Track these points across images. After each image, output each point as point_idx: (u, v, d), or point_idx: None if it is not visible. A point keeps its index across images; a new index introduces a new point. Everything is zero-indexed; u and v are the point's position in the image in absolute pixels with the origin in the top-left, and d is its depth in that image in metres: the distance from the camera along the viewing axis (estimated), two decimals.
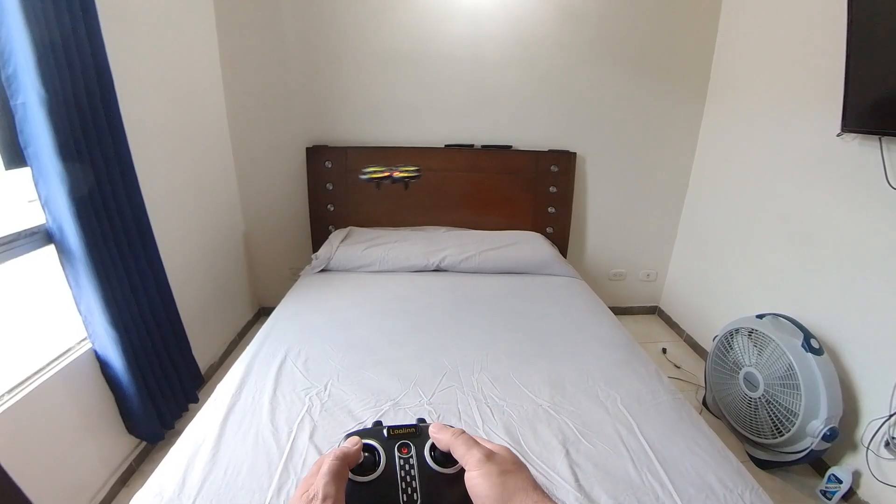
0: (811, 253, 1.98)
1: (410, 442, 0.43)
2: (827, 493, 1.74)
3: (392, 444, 0.43)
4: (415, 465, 0.42)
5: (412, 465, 0.41)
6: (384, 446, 0.42)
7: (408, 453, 0.42)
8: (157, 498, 1.01)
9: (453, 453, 0.41)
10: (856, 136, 1.74)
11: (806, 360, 1.71)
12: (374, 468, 0.41)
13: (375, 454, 0.42)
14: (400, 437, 0.43)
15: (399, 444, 0.43)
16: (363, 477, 0.40)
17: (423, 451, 0.43)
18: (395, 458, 0.42)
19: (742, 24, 2.43)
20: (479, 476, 0.39)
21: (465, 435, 0.42)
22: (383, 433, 0.44)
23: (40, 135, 1.33)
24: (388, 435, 0.43)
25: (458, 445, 0.41)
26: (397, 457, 0.42)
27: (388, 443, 0.43)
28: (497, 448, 0.42)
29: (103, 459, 1.69)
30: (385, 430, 0.44)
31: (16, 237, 1.40)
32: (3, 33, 1.25)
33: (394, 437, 0.43)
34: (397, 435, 0.43)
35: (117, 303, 1.59)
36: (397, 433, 0.44)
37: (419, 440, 0.43)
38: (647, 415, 1.30)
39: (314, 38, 2.50)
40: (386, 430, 0.44)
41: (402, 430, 0.44)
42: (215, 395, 1.36)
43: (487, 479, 0.38)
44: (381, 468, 0.41)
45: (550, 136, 2.72)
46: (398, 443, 0.43)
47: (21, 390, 1.39)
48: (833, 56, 1.72)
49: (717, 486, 1.07)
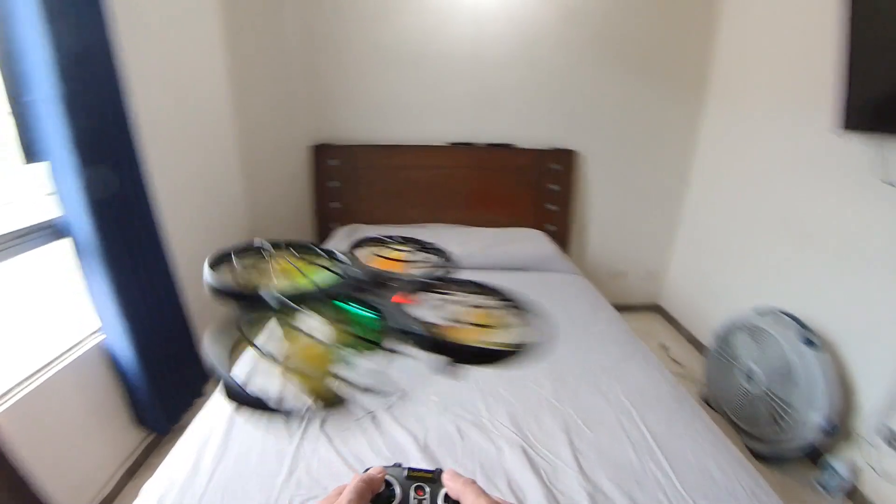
0: (810, 250, 2.01)
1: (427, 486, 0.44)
2: (825, 485, 1.77)
3: (409, 483, 0.44)
4: None
5: None
6: (402, 485, 0.44)
7: (422, 495, 0.44)
8: (169, 484, 1.03)
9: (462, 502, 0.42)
10: (854, 134, 1.77)
11: (804, 355, 1.74)
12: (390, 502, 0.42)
13: (392, 490, 0.43)
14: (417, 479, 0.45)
15: (416, 486, 0.44)
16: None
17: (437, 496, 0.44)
18: (411, 499, 0.43)
19: (742, 24, 2.46)
20: None
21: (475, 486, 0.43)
22: (403, 473, 0.45)
23: (56, 130, 1.37)
24: (406, 475, 0.45)
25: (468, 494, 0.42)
26: (412, 497, 0.43)
27: (405, 482, 0.44)
28: None
29: (112, 451, 1.73)
30: (405, 471, 0.45)
31: (33, 230, 1.45)
32: (21, 32, 1.29)
33: (412, 479, 0.45)
34: (415, 477, 0.45)
35: (128, 296, 1.62)
36: (415, 475, 0.45)
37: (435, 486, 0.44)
38: (648, 405, 1.33)
39: (318, 39, 2.54)
40: (406, 471, 0.45)
41: (420, 473, 0.45)
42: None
43: None
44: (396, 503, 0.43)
45: (552, 134, 2.75)
46: (415, 484, 0.44)
47: (34, 380, 1.42)
48: (832, 56, 1.74)
49: (717, 473, 1.09)
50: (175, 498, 0.99)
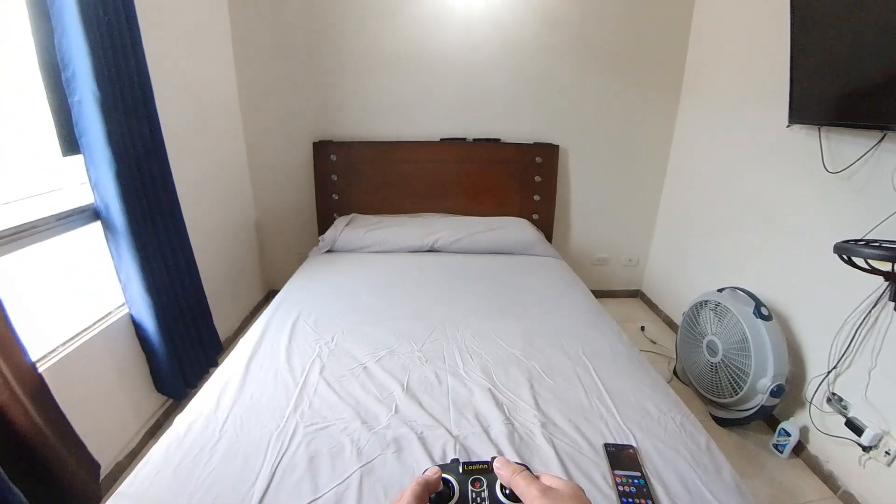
0: (769, 233, 2.19)
1: (483, 477, 0.45)
2: (778, 446, 1.95)
3: (466, 478, 0.45)
4: (486, 498, 0.44)
5: (483, 499, 0.44)
6: (458, 480, 0.45)
7: (480, 487, 0.45)
8: (197, 414, 1.25)
9: (514, 489, 0.43)
10: (801, 128, 1.95)
11: (756, 325, 1.92)
12: (449, 499, 0.44)
13: (450, 487, 0.45)
14: (473, 473, 0.46)
15: (472, 479, 0.45)
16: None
17: (494, 486, 0.45)
18: (469, 492, 0.44)
19: (711, 26, 2.65)
20: None
21: (526, 472, 0.43)
22: (458, 469, 0.46)
23: (93, 127, 1.59)
24: (462, 470, 0.46)
25: (519, 481, 0.42)
26: (470, 490, 0.44)
27: (462, 477, 0.45)
28: (560, 484, 0.43)
29: (135, 411, 1.93)
30: (460, 466, 0.46)
31: (70, 214, 1.66)
32: (65, 44, 1.50)
33: (468, 473, 0.46)
34: (471, 470, 0.46)
35: (152, 273, 1.83)
36: (471, 469, 0.46)
37: (491, 476, 0.45)
38: (603, 361, 1.53)
39: (321, 42, 2.75)
40: (461, 466, 0.46)
41: (475, 465, 0.46)
42: (240, 344, 1.61)
43: None
44: (454, 499, 0.44)
45: (535, 129, 2.94)
46: (471, 477, 0.45)
47: (72, 344, 1.63)
48: (781, 57, 1.91)
49: (653, 410, 1.29)
50: (202, 424, 1.21)
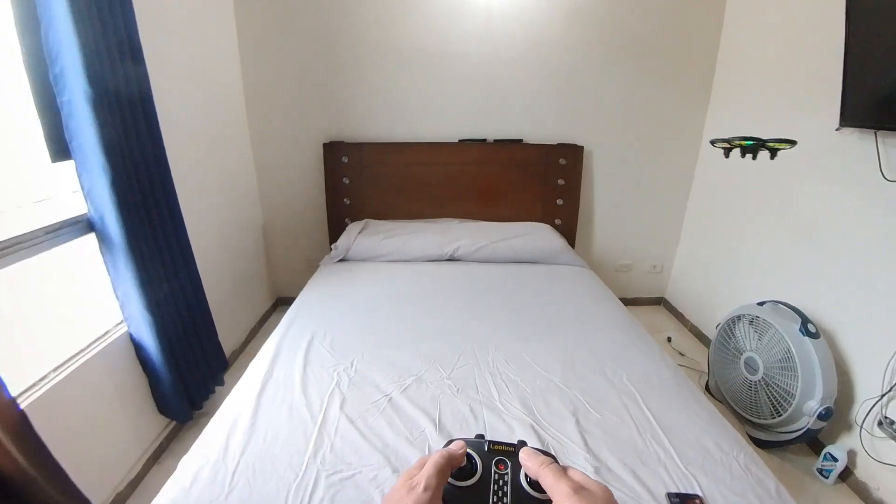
0: (811, 243, 2.06)
1: (508, 460, 0.44)
2: (823, 470, 1.83)
3: (491, 457, 0.44)
4: (508, 482, 0.42)
5: (506, 482, 0.42)
6: (483, 458, 0.43)
7: (504, 469, 0.43)
8: (204, 460, 1.11)
9: (541, 482, 0.40)
10: (853, 131, 1.81)
11: (803, 344, 1.79)
12: (471, 476, 0.42)
13: (473, 463, 0.43)
14: (499, 453, 0.44)
15: (497, 460, 0.44)
16: (460, 482, 0.42)
17: (518, 471, 0.43)
18: (492, 472, 0.43)
19: (746, 20, 2.50)
20: None
21: (554, 465, 0.41)
22: (484, 446, 0.45)
23: (85, 130, 1.43)
24: (488, 449, 0.44)
25: (547, 475, 0.40)
26: (493, 470, 0.43)
27: (487, 455, 0.44)
28: (590, 483, 0.40)
29: (136, 437, 1.79)
30: (486, 444, 0.45)
31: (61, 226, 1.50)
32: (52, 36, 1.34)
33: (493, 452, 0.44)
34: (497, 450, 0.44)
35: (152, 289, 1.69)
36: (497, 448, 0.45)
37: (516, 460, 0.44)
38: (651, 389, 1.39)
39: (331, 38, 2.59)
40: (487, 444, 0.45)
41: (502, 446, 0.45)
42: (248, 373, 1.46)
43: None
44: (477, 477, 0.42)
45: (559, 130, 2.80)
46: (496, 458, 0.44)
47: (64, 370, 1.48)
48: (832, 53, 1.78)
49: (714, 450, 1.16)
50: (209, 473, 1.07)
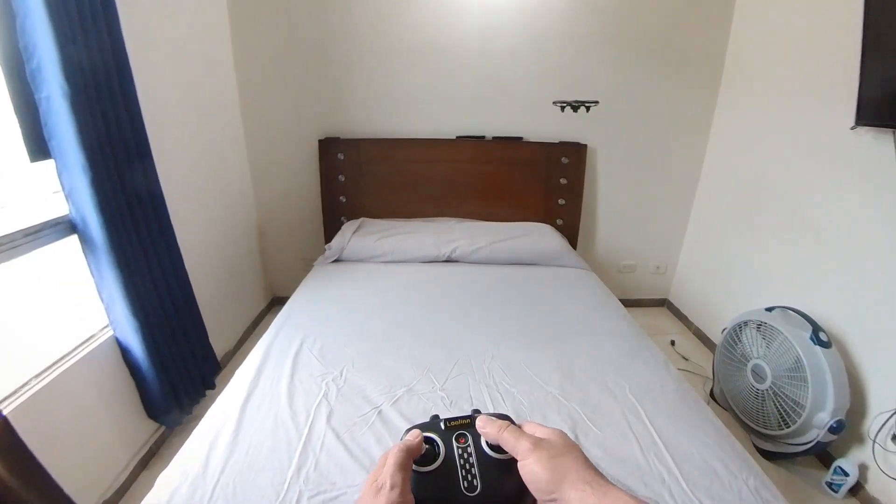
0: (822, 246, 1.98)
1: (467, 432, 0.45)
2: (833, 484, 1.76)
3: (449, 434, 0.45)
4: (472, 452, 0.43)
5: (470, 454, 0.43)
6: (442, 438, 0.44)
7: (465, 443, 0.44)
8: (182, 477, 1.05)
9: (503, 446, 0.42)
10: (869, 130, 1.73)
11: (814, 353, 1.72)
12: (435, 459, 0.43)
13: (435, 446, 0.44)
14: (457, 429, 0.45)
15: (456, 435, 0.45)
16: (425, 467, 0.42)
17: (479, 439, 0.44)
18: (454, 448, 0.44)
19: (757, 15, 2.41)
20: (530, 464, 0.40)
21: (511, 426, 0.43)
22: (440, 426, 0.46)
23: (64, 128, 1.37)
24: (445, 427, 0.45)
25: (507, 438, 0.42)
26: (455, 447, 0.44)
27: (445, 434, 0.45)
28: (547, 433, 0.43)
29: (125, 442, 1.75)
30: (442, 423, 0.46)
31: (41, 228, 1.45)
32: (28, 29, 1.28)
33: (451, 429, 0.45)
34: (454, 426, 0.45)
35: (137, 291, 1.63)
36: (454, 425, 0.46)
37: (475, 430, 0.45)
38: (654, 403, 1.32)
39: (326, 31, 2.52)
40: (443, 423, 0.46)
41: (458, 421, 0.46)
42: (234, 381, 1.41)
43: (538, 465, 0.39)
44: (440, 458, 0.43)
45: (561, 127, 2.72)
46: (455, 433, 0.45)
47: (47, 376, 1.43)
48: (848, 49, 1.71)
49: (722, 472, 1.09)
50: (188, 490, 1.01)
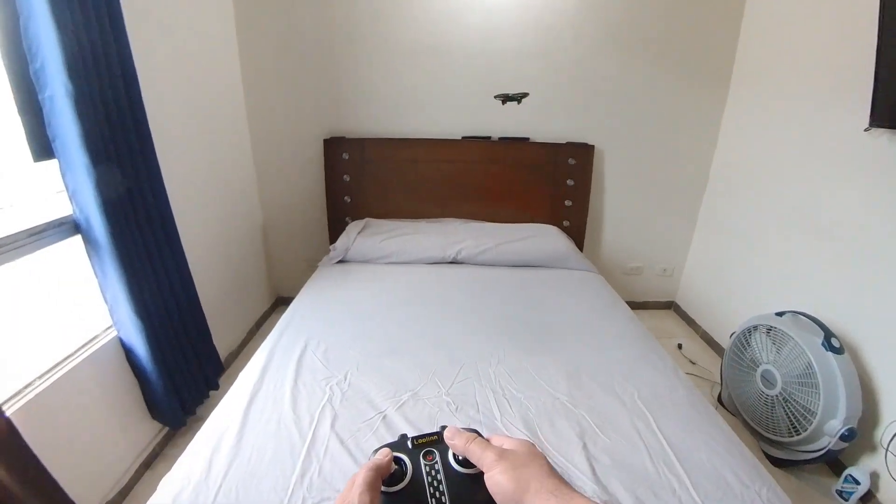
0: (833, 249, 1.95)
1: (434, 449, 0.45)
2: (843, 493, 1.73)
3: (417, 453, 0.44)
4: (440, 469, 0.43)
5: (438, 471, 0.43)
6: (410, 456, 0.44)
7: (432, 460, 0.44)
8: (185, 481, 1.04)
9: (470, 458, 0.43)
10: (884, 132, 1.70)
11: (826, 359, 1.69)
12: (403, 478, 0.43)
13: (402, 465, 0.43)
14: (424, 446, 0.45)
15: (424, 453, 0.44)
16: (393, 487, 0.42)
17: (447, 455, 0.44)
18: (422, 466, 0.44)
19: (767, 15, 2.38)
20: (495, 475, 0.40)
21: (478, 438, 0.43)
22: (408, 444, 0.45)
23: (67, 128, 1.36)
24: (412, 445, 0.45)
25: (474, 450, 0.42)
26: (423, 464, 0.44)
27: (413, 452, 0.45)
28: (513, 444, 0.43)
29: (128, 443, 1.75)
30: (410, 441, 0.46)
31: (44, 228, 1.44)
32: (31, 29, 1.27)
33: (418, 447, 0.45)
34: (421, 444, 0.45)
35: (141, 291, 1.62)
36: (421, 442, 0.45)
37: (443, 446, 0.45)
38: (663, 409, 1.30)
39: (332, 30, 2.50)
40: (410, 441, 0.46)
41: (425, 438, 0.46)
42: (238, 383, 1.39)
43: (503, 476, 0.40)
44: (408, 477, 0.43)
45: (568, 128, 2.69)
46: (423, 451, 0.45)
47: (51, 376, 1.43)
48: (862, 48, 1.68)
49: (734, 482, 1.07)
50: (190, 495, 1.00)
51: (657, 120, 2.71)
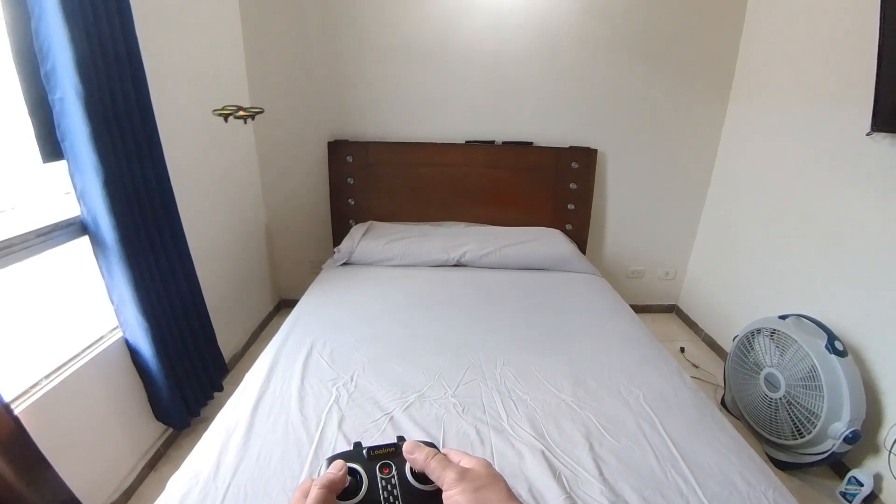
0: (836, 253, 1.96)
1: (391, 461, 0.43)
2: (847, 495, 1.73)
3: (373, 465, 0.43)
4: (396, 484, 0.42)
5: (394, 486, 0.42)
6: (365, 468, 0.43)
7: (389, 473, 0.43)
8: (194, 480, 1.04)
9: (429, 475, 0.42)
10: (886, 136, 1.71)
11: (829, 362, 1.69)
12: (358, 491, 0.41)
13: (357, 476, 0.42)
14: (380, 458, 0.44)
15: (380, 465, 0.43)
16: (348, 502, 0.41)
17: (403, 469, 0.43)
18: (378, 479, 0.42)
19: (769, 19, 2.40)
20: (454, 495, 0.39)
21: (438, 455, 0.42)
22: (363, 454, 0.44)
23: (77, 129, 1.37)
24: (368, 456, 0.44)
25: (433, 467, 0.41)
26: (379, 478, 0.42)
27: (368, 464, 0.43)
28: (472, 463, 0.42)
29: (132, 444, 1.75)
30: (365, 452, 0.44)
31: (53, 229, 1.44)
32: (42, 31, 1.28)
33: (374, 458, 0.44)
34: (378, 455, 0.44)
35: (147, 293, 1.63)
36: (378, 454, 0.44)
37: (399, 459, 0.44)
38: (669, 411, 1.31)
39: (337, 33, 2.52)
40: (366, 452, 0.44)
41: (381, 450, 0.44)
42: (244, 384, 1.40)
43: (462, 497, 0.39)
44: (363, 491, 0.41)
45: (572, 132, 2.71)
46: (379, 463, 0.43)
47: (57, 376, 1.43)
48: (863, 53, 1.69)
49: (741, 483, 1.07)
50: (199, 494, 1.00)
51: (659, 124, 2.73)
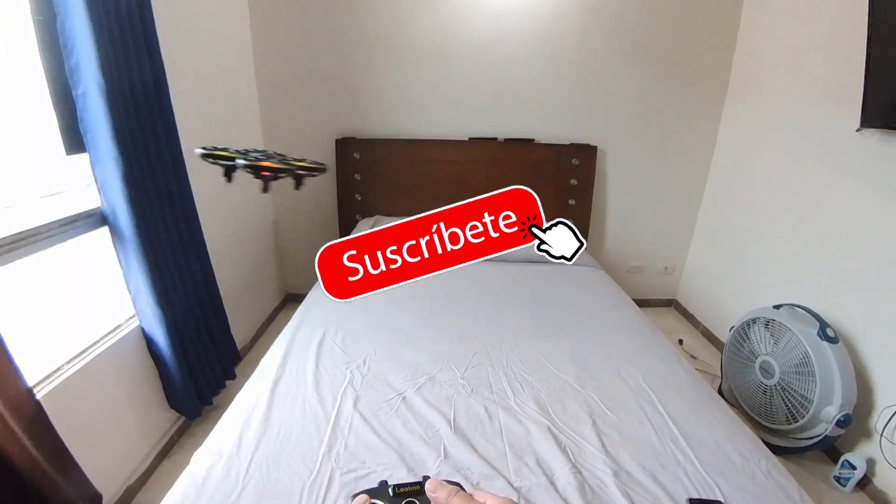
0: (828, 245, 2.02)
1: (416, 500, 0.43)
2: (840, 478, 1.79)
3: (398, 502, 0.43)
4: None
5: None
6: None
7: None
8: (217, 455, 1.10)
9: None
10: (875, 132, 1.78)
11: (821, 349, 1.75)
12: None
13: None
14: (406, 496, 0.43)
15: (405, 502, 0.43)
16: None
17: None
18: None
19: (763, 19, 2.46)
20: None
21: (462, 493, 0.41)
22: (389, 492, 0.44)
23: (98, 122, 1.42)
24: (393, 494, 0.43)
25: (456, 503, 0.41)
26: None
27: (393, 501, 0.43)
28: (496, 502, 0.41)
29: (146, 431, 1.79)
30: (391, 489, 0.44)
31: (74, 219, 1.50)
32: (67, 27, 1.34)
33: (400, 496, 0.43)
34: (403, 493, 0.43)
35: (164, 283, 1.67)
36: (403, 491, 0.43)
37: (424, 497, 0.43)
38: (667, 391, 1.37)
39: (344, 33, 2.58)
40: (391, 489, 0.44)
41: (407, 487, 0.44)
42: (261, 368, 1.45)
43: None
44: None
45: (572, 129, 2.77)
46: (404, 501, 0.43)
47: (76, 363, 1.48)
48: (853, 52, 1.75)
49: (735, 456, 1.14)
50: (224, 467, 1.05)
51: (658, 122, 2.80)
